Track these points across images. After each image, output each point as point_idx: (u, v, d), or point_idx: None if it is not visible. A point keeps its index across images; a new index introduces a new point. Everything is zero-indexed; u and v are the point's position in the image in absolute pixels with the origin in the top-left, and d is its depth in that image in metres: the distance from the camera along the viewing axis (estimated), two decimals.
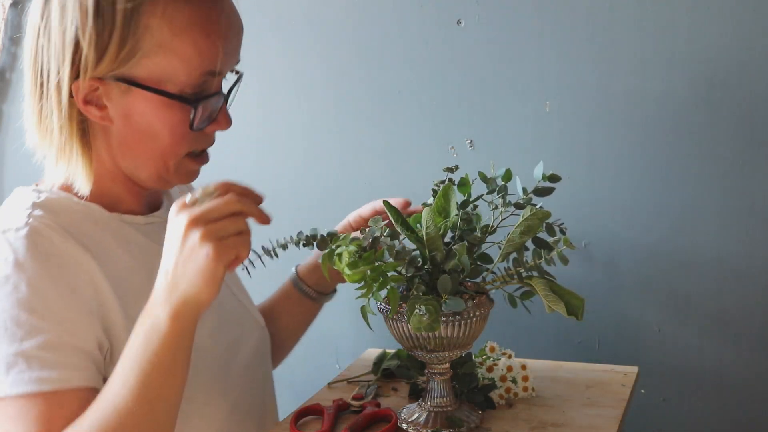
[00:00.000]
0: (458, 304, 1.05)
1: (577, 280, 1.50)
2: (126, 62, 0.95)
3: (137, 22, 0.94)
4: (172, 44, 0.96)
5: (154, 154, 1.02)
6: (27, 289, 0.93)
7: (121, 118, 0.99)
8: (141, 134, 1.01)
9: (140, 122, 0.99)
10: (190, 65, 0.97)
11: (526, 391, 1.25)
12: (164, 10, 0.95)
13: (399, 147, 1.63)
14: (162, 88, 0.97)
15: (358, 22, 1.63)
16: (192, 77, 0.98)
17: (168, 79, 0.97)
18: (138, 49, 0.95)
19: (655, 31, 1.44)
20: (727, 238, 1.45)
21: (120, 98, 0.98)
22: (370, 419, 1.19)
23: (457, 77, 1.57)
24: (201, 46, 0.97)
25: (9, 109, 1.94)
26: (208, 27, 0.97)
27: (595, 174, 1.51)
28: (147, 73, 0.97)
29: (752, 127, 1.41)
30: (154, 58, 0.96)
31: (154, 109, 0.98)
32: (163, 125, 0.99)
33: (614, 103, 1.48)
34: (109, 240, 1.04)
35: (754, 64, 1.40)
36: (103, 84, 0.97)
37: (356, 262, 1.05)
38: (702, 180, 1.45)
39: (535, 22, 1.50)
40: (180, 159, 1.04)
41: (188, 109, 0.99)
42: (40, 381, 0.91)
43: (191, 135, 1.02)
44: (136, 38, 0.94)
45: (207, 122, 1.03)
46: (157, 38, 0.95)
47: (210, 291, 0.88)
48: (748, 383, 1.49)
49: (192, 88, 0.99)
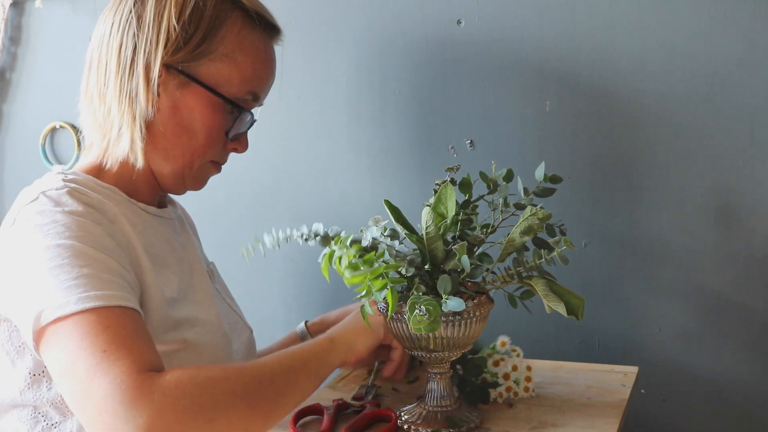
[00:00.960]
0: (458, 304, 1.05)
1: (577, 280, 1.50)
2: (196, 59, 1.11)
3: (218, 29, 1.12)
4: (236, 57, 1.13)
5: (185, 150, 1.14)
6: (76, 227, 1.00)
7: (169, 108, 1.12)
8: (181, 128, 1.13)
9: (185, 117, 1.13)
10: (243, 79, 1.14)
11: (527, 391, 1.25)
12: (240, 28, 1.14)
13: (399, 147, 1.63)
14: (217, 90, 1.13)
15: (358, 22, 1.63)
16: (241, 91, 1.15)
17: (223, 84, 1.13)
18: (210, 52, 1.12)
19: (655, 31, 1.44)
20: (727, 238, 1.45)
21: (175, 90, 1.12)
22: (370, 419, 1.19)
23: (457, 77, 1.57)
24: (256, 67, 1.16)
25: (9, 109, 1.94)
26: (265, 55, 1.18)
27: (595, 174, 1.51)
28: (208, 74, 1.12)
29: (752, 127, 1.42)
30: (218, 63, 1.13)
31: (203, 107, 1.13)
32: (204, 124, 1.13)
33: (614, 103, 1.48)
34: (131, 217, 1.12)
35: (754, 64, 1.40)
36: (166, 73, 1.11)
37: (356, 264, 1.06)
38: (702, 180, 1.45)
39: (535, 21, 1.50)
40: (203, 162, 1.17)
41: (228, 118, 1.15)
42: (105, 297, 0.95)
43: (221, 142, 1.16)
44: (212, 42, 1.12)
45: (236, 137, 1.18)
46: (227, 47, 1.13)
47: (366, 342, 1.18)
48: (748, 383, 1.49)
49: (236, 101, 1.15)
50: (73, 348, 0.92)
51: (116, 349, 0.91)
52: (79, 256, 0.97)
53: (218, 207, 1.75)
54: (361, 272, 1.05)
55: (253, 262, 1.24)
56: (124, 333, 0.93)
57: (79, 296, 0.94)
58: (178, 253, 1.19)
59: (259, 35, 1.17)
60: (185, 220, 1.32)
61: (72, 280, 0.95)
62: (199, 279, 1.21)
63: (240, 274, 1.74)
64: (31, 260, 0.97)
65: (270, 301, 1.75)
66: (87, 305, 0.93)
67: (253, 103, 1.19)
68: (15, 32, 1.91)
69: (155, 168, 1.16)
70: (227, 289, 1.37)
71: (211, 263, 1.35)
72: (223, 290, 1.33)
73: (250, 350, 1.29)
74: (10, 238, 1.03)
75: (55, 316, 0.93)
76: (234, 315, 1.30)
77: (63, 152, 1.90)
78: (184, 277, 1.17)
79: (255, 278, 1.75)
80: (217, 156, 1.18)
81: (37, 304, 0.94)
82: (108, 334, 0.92)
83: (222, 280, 1.37)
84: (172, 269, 1.14)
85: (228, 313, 1.28)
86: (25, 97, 1.92)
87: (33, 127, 1.91)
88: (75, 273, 0.95)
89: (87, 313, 0.93)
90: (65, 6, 1.84)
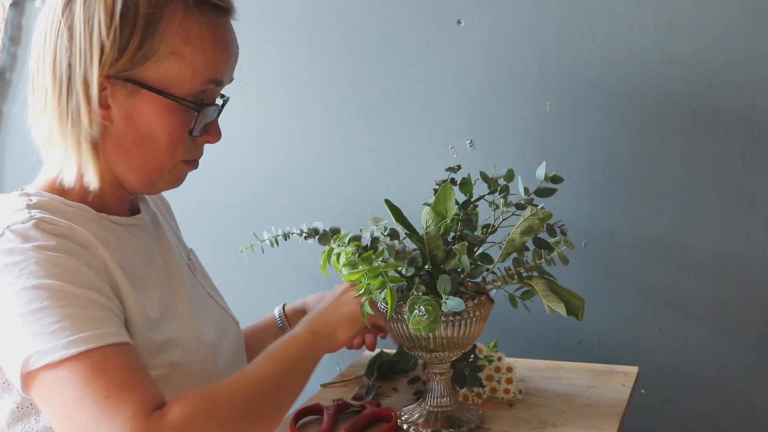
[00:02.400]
0: (458, 304, 1.05)
1: (577, 280, 1.50)
2: (139, 64, 1.02)
3: (156, 28, 1.02)
4: (182, 52, 1.04)
5: (149, 157, 1.07)
6: (50, 263, 0.95)
7: (123, 119, 1.05)
8: (140, 137, 1.06)
9: (141, 124, 1.05)
10: (195, 72, 1.05)
11: (508, 393, 1.25)
12: (181, 20, 1.03)
13: (399, 147, 1.63)
14: (168, 92, 1.04)
15: (358, 22, 1.63)
16: (196, 85, 1.05)
17: (174, 84, 1.04)
18: (152, 53, 1.02)
19: (655, 31, 1.44)
20: (727, 238, 1.45)
21: (125, 99, 1.04)
22: (370, 419, 1.19)
23: (457, 77, 1.57)
24: (207, 56, 1.05)
25: (9, 109, 1.94)
26: (215, 41, 1.07)
27: (595, 174, 1.51)
28: (156, 76, 1.03)
29: (752, 127, 1.42)
30: (164, 62, 1.03)
31: (157, 111, 1.04)
32: (164, 128, 1.05)
33: (614, 103, 1.48)
34: (103, 234, 1.07)
35: (754, 64, 1.40)
36: (111, 84, 1.03)
37: (354, 262, 1.05)
38: (702, 180, 1.45)
39: (535, 21, 1.50)
40: (174, 164, 1.09)
41: (188, 116, 1.06)
42: (95, 338, 0.92)
43: (187, 141, 1.08)
44: (153, 42, 1.02)
45: (202, 131, 1.09)
46: (170, 45, 1.03)
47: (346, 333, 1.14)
48: (748, 383, 1.49)
49: (193, 96, 1.06)
50: (73, 396, 0.89)
51: (118, 392, 0.89)
52: (58, 296, 0.93)
53: (218, 206, 1.75)
54: (359, 270, 1.05)
55: (253, 260, 1.23)
56: (122, 373, 0.91)
57: (68, 340, 0.90)
58: (155, 262, 1.14)
59: (206, 21, 1.06)
60: (158, 213, 1.27)
61: (56, 323, 0.91)
62: (178, 286, 1.17)
63: (239, 273, 1.74)
64: (9, 303, 0.93)
65: (269, 300, 1.74)
66: (78, 349, 0.90)
67: (216, 89, 1.11)
68: (15, 32, 1.91)
69: (122, 178, 1.10)
70: (210, 280, 1.34)
71: (190, 251, 1.31)
72: (206, 282, 1.30)
73: (238, 348, 1.27)
74: None
75: (44, 362, 0.90)
76: (219, 310, 1.27)
77: None
78: (165, 288, 1.13)
79: (254, 277, 1.75)
80: (187, 155, 1.10)
81: (24, 349, 0.91)
82: (106, 377, 0.90)
83: (203, 269, 1.33)
84: (152, 284, 1.10)
85: (213, 309, 1.25)
86: (25, 97, 1.92)
87: None
88: (58, 315, 0.92)
89: (79, 358, 0.90)
90: None
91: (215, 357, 1.17)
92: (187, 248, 1.31)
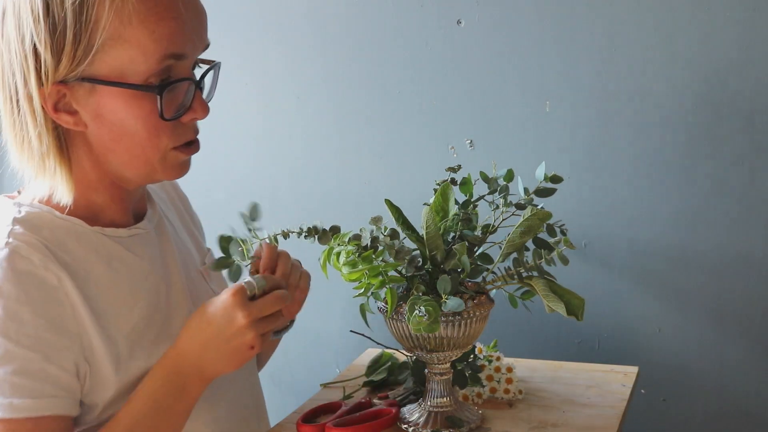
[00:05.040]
0: (458, 304, 1.05)
1: (577, 280, 1.50)
2: (84, 60, 0.94)
3: (87, 17, 0.92)
4: (124, 34, 0.93)
5: (135, 151, 1.00)
6: (2, 313, 0.93)
7: (94, 120, 0.98)
8: (116, 133, 0.99)
9: (113, 120, 0.98)
10: (146, 53, 0.95)
11: (508, 393, 1.25)
12: (112, 1, 0.93)
13: (399, 147, 1.63)
14: (124, 81, 0.95)
15: (358, 22, 1.63)
16: (152, 65, 0.95)
17: (129, 70, 0.95)
18: (93, 45, 0.93)
19: (655, 31, 1.44)
20: (727, 238, 1.45)
21: (87, 99, 0.96)
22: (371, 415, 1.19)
23: (457, 77, 1.57)
24: (154, 31, 0.95)
25: None
26: (160, 11, 0.95)
27: (595, 174, 1.51)
28: (107, 68, 0.95)
29: (752, 127, 1.42)
30: (111, 51, 0.94)
31: (122, 104, 0.96)
32: (136, 119, 0.97)
33: (614, 103, 1.48)
34: (91, 256, 1.02)
35: (754, 64, 1.40)
36: (68, 88, 0.96)
37: (354, 261, 1.05)
38: (702, 180, 1.45)
39: (535, 21, 1.50)
40: (164, 153, 1.01)
41: (157, 100, 0.97)
42: (12, 408, 0.92)
43: (168, 126, 0.99)
44: (89, 34, 0.93)
45: (181, 111, 1.00)
46: (108, 30, 0.93)
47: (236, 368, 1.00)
48: (748, 383, 1.49)
49: (156, 77, 0.96)
50: None
51: None
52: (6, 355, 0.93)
53: (218, 206, 1.75)
54: (359, 269, 1.05)
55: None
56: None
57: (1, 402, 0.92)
58: (151, 277, 1.07)
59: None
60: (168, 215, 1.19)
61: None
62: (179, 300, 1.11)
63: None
64: None
65: None
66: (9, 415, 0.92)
67: (184, 62, 0.99)
68: None
69: (118, 177, 1.03)
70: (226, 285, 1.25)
71: (207, 253, 1.25)
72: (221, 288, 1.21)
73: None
74: None
75: None
76: None
77: None
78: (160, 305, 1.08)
79: None
80: (175, 140, 1.01)
81: None
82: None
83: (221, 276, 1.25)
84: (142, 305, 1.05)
85: None
86: None
87: None
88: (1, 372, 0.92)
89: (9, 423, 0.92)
90: None
91: None
92: (204, 249, 1.25)
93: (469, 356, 1.25)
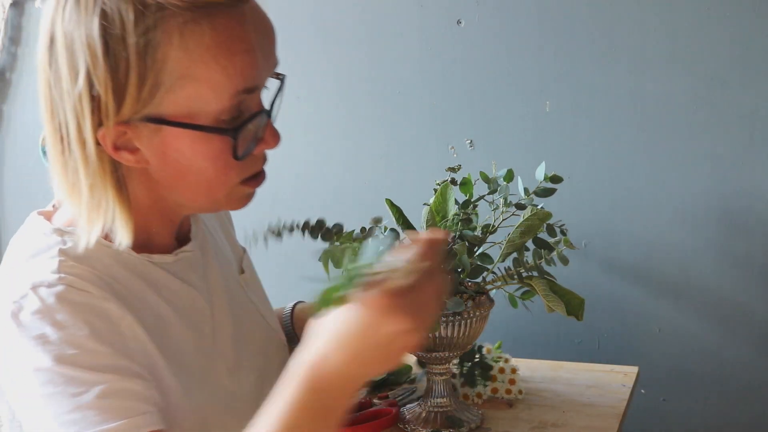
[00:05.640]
0: (458, 304, 1.05)
1: (577, 280, 1.50)
2: (150, 101, 0.85)
3: (153, 55, 0.84)
4: (194, 72, 0.85)
5: (200, 188, 0.92)
6: (70, 344, 0.85)
7: (157, 157, 0.89)
8: (182, 171, 0.90)
9: (179, 159, 0.89)
10: (217, 90, 0.86)
11: (510, 393, 1.25)
12: (180, 36, 0.84)
13: (399, 147, 1.63)
14: (194, 122, 0.87)
15: (358, 22, 1.63)
16: (224, 103, 0.87)
17: (199, 110, 0.86)
18: (160, 85, 0.84)
19: (655, 31, 1.44)
20: (726, 238, 1.45)
21: (151, 139, 0.87)
22: (371, 415, 1.19)
23: (457, 77, 1.57)
24: (226, 68, 0.86)
25: (9, 109, 1.94)
26: (232, 45, 0.86)
27: (595, 174, 1.51)
28: (174, 107, 0.86)
29: (752, 127, 1.42)
30: (179, 90, 0.85)
31: (190, 144, 0.88)
32: (204, 159, 0.89)
33: (614, 103, 1.48)
34: (142, 286, 0.95)
35: (754, 64, 1.40)
36: (130, 128, 0.86)
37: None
38: (702, 180, 1.45)
39: (535, 21, 1.50)
40: (231, 188, 0.93)
41: (228, 138, 0.89)
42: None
43: (238, 162, 0.91)
44: (155, 73, 0.84)
45: (253, 145, 0.93)
46: (177, 70, 0.84)
47: (395, 367, 0.86)
48: (748, 383, 1.49)
49: (228, 113, 0.88)
50: None
51: None
52: (72, 382, 0.84)
53: None
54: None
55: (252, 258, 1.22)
56: None
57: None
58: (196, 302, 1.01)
59: (210, 27, 0.85)
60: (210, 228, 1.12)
61: (67, 413, 0.83)
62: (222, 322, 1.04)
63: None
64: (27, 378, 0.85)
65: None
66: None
67: (254, 96, 0.92)
68: (15, 32, 1.91)
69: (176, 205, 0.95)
70: (261, 288, 1.19)
71: (243, 256, 1.17)
72: (257, 295, 1.16)
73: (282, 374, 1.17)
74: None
75: None
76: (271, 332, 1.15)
77: None
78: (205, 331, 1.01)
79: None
80: (244, 173, 0.94)
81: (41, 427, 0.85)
82: None
83: (255, 275, 1.19)
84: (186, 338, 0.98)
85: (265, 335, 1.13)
86: (25, 97, 1.92)
87: (33, 127, 1.91)
88: (71, 405, 0.83)
89: None
90: None
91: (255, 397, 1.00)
92: (239, 253, 1.18)
93: (473, 356, 1.25)
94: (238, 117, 0.90)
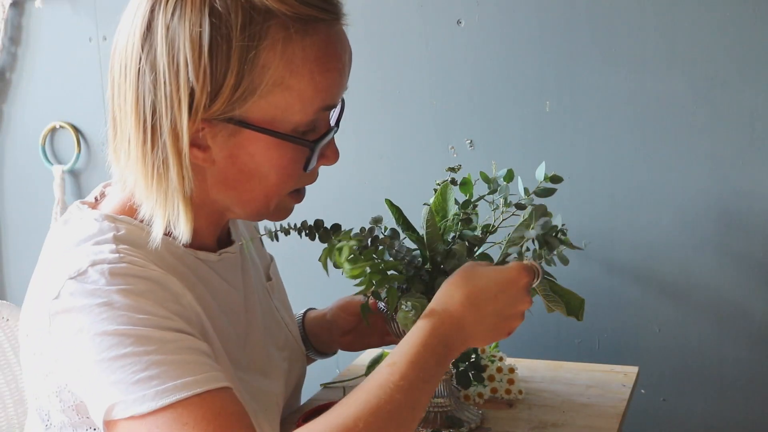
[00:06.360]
0: None
1: (577, 280, 1.50)
2: (240, 103, 0.87)
3: (255, 61, 0.86)
4: (288, 81, 0.88)
5: (257, 194, 0.94)
6: (137, 310, 0.85)
7: (226, 159, 0.91)
8: (245, 175, 0.93)
9: (247, 163, 0.91)
10: (306, 103, 0.90)
11: (509, 393, 1.25)
12: (284, 47, 0.87)
13: (399, 147, 1.63)
14: (274, 129, 0.89)
15: (358, 22, 1.62)
16: (307, 115, 0.91)
17: (283, 118, 0.90)
18: (255, 89, 0.87)
19: (655, 32, 1.44)
20: (726, 238, 1.46)
21: (227, 139, 0.90)
22: None
23: (457, 77, 1.57)
24: (319, 82, 0.90)
25: (9, 109, 1.94)
26: (327, 63, 0.91)
27: (595, 174, 1.51)
28: (260, 113, 0.88)
29: (752, 127, 1.42)
30: (269, 97, 0.88)
31: (264, 150, 0.90)
32: (272, 166, 0.92)
33: (614, 103, 1.48)
34: (191, 277, 0.96)
35: (754, 64, 1.40)
36: (210, 125, 0.88)
37: (356, 257, 1.05)
38: (702, 180, 1.45)
39: (535, 22, 1.50)
40: (282, 197, 0.97)
41: (301, 151, 0.92)
42: (186, 386, 0.82)
43: (299, 174, 0.95)
44: (252, 78, 0.86)
45: (316, 160, 0.96)
46: (274, 77, 0.87)
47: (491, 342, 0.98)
48: (748, 383, 1.49)
49: (305, 125, 0.92)
50: None
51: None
52: (143, 341, 0.83)
53: None
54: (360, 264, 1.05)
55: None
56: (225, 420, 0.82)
57: (156, 390, 0.81)
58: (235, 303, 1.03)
59: (311, 42, 0.89)
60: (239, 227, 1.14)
61: (142, 371, 0.82)
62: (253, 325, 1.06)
63: None
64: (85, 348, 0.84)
65: None
66: (168, 400, 0.81)
67: (328, 113, 0.97)
68: (15, 32, 1.91)
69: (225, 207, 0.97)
70: (284, 294, 1.21)
71: (270, 263, 1.19)
72: (281, 302, 1.17)
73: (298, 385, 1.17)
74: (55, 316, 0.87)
75: (129, 413, 0.81)
76: (292, 341, 1.16)
77: (63, 152, 1.89)
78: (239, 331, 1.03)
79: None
80: (299, 185, 0.98)
81: (106, 398, 0.82)
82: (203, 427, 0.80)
83: (280, 281, 1.20)
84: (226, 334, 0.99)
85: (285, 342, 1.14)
86: (25, 97, 1.92)
87: (33, 127, 1.91)
88: (144, 362, 0.82)
89: (172, 408, 0.81)
90: (65, 6, 1.84)
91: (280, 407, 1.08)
92: (267, 260, 1.19)
93: (469, 356, 1.25)
94: (313, 131, 0.93)
